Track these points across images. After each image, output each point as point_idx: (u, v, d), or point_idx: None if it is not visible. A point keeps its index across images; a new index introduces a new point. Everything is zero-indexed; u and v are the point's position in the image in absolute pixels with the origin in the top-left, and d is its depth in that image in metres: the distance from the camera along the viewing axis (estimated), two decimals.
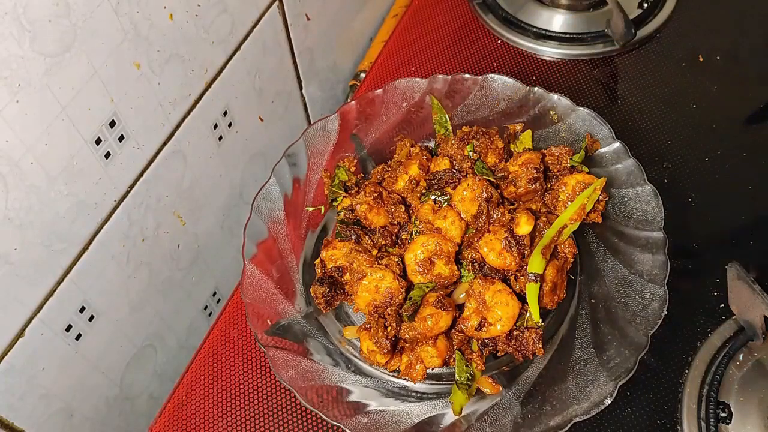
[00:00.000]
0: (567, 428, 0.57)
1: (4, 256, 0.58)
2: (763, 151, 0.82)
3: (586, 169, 0.72)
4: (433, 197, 0.71)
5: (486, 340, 0.64)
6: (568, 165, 0.71)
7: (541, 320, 0.64)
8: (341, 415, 0.62)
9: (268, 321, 0.69)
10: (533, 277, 0.63)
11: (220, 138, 0.84)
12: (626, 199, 0.71)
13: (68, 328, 0.68)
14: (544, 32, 1.00)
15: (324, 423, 0.70)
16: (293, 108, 1.00)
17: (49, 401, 0.69)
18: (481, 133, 0.74)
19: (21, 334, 0.63)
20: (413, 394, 0.65)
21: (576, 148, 0.75)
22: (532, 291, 0.63)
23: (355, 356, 0.68)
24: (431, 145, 0.82)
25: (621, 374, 0.59)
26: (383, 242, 0.70)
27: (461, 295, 0.67)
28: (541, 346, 0.63)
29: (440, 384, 0.66)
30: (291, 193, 0.77)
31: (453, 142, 0.75)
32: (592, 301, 0.67)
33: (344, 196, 0.75)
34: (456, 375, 0.64)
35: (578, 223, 0.68)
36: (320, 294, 0.68)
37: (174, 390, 0.77)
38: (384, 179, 0.76)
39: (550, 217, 0.69)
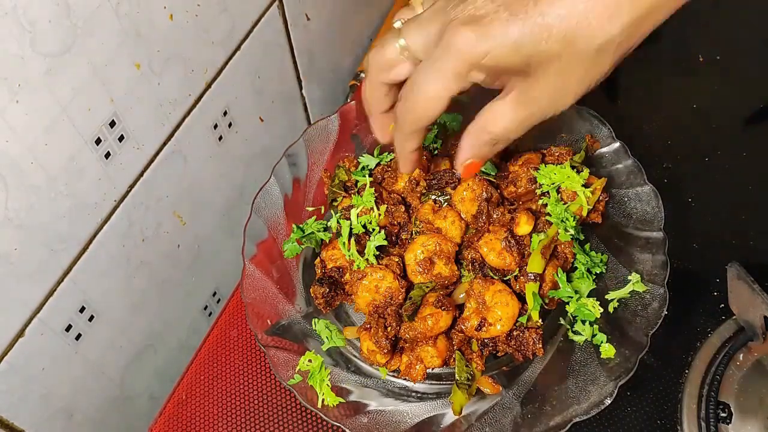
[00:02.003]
0: (567, 428, 0.57)
1: (4, 256, 0.58)
2: (763, 151, 0.82)
3: (587, 170, 0.72)
4: (433, 197, 0.71)
5: (486, 340, 0.64)
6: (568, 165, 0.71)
7: (540, 320, 0.64)
8: (341, 415, 0.62)
9: (268, 321, 0.69)
10: (533, 277, 0.63)
11: (220, 138, 0.84)
12: (626, 199, 0.71)
13: (68, 328, 0.68)
14: None
15: (324, 423, 0.70)
16: (293, 108, 1.00)
17: (49, 401, 0.69)
18: None
19: (21, 334, 0.63)
20: (413, 394, 0.65)
21: (576, 148, 0.75)
22: (531, 290, 0.63)
23: (355, 356, 0.68)
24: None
25: (621, 374, 0.59)
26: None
27: (461, 295, 0.66)
28: (541, 346, 0.63)
29: (440, 384, 0.66)
30: (291, 193, 0.77)
31: (453, 142, 0.75)
32: None
33: (344, 197, 0.75)
34: (456, 375, 0.63)
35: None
36: (320, 294, 0.68)
37: (174, 390, 0.77)
38: (384, 179, 0.75)
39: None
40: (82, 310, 0.69)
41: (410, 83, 0.47)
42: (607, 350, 0.62)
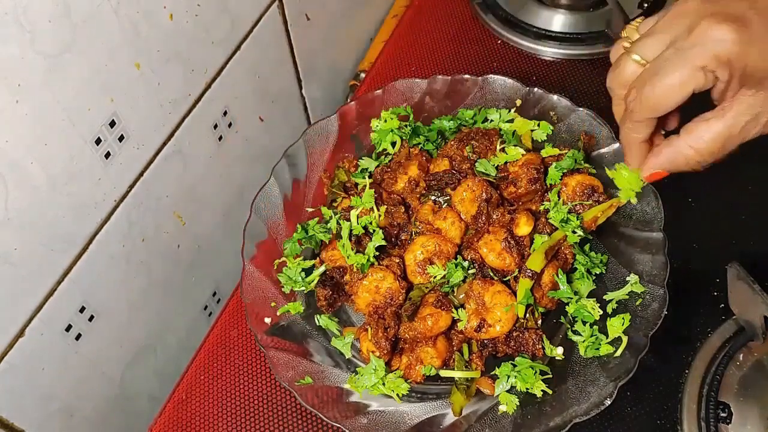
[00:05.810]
0: (567, 429, 0.57)
1: (4, 256, 0.58)
2: (763, 151, 0.82)
3: (593, 170, 0.71)
4: (433, 198, 0.71)
5: (485, 341, 0.64)
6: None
7: (532, 318, 0.63)
8: (341, 416, 0.62)
9: (268, 321, 0.69)
10: (530, 274, 0.63)
11: (220, 138, 0.84)
12: None
13: (68, 328, 0.68)
14: (544, 32, 1.00)
15: (324, 423, 0.70)
16: (293, 108, 1.00)
17: (49, 401, 0.69)
18: (480, 133, 0.74)
19: (21, 334, 0.63)
20: (413, 394, 0.65)
21: (576, 148, 0.75)
22: (524, 286, 0.63)
23: (356, 357, 0.68)
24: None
25: (621, 375, 0.59)
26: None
27: (461, 296, 0.66)
28: (540, 346, 0.63)
29: (440, 384, 0.66)
30: (291, 194, 0.77)
31: (452, 142, 0.75)
32: None
33: (344, 197, 0.75)
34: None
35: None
36: (323, 297, 0.68)
37: (174, 390, 0.77)
38: (384, 180, 0.75)
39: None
40: (82, 310, 0.69)
41: (649, 72, 0.46)
42: (607, 350, 0.62)
